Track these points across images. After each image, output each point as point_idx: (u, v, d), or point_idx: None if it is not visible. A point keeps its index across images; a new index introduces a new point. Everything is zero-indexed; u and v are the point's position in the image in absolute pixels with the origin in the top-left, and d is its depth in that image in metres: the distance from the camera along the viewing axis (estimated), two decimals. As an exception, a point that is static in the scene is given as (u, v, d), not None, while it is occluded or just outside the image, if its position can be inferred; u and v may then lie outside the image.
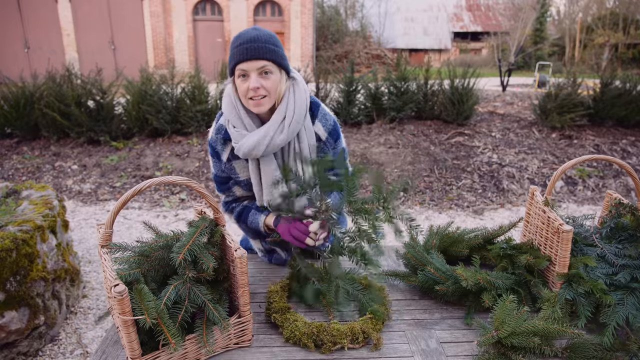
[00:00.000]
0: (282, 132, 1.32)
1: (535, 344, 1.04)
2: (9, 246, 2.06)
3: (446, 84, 6.37)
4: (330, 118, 1.46)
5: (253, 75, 1.28)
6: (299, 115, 1.34)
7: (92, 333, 2.51)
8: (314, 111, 1.44)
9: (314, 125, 1.43)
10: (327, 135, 1.45)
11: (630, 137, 6.03)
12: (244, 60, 1.27)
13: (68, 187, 4.85)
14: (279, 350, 1.12)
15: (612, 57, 20.13)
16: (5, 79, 5.76)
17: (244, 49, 1.27)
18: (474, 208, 4.47)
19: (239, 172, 1.46)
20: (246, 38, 1.27)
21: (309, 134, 1.40)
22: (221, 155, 1.44)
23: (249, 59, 1.26)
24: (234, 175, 1.47)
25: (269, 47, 1.28)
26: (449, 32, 27.02)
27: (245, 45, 1.27)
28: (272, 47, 1.29)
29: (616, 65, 13.44)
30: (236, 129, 1.35)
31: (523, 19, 15.34)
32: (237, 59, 1.28)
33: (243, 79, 1.30)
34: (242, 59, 1.27)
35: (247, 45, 1.27)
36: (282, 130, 1.32)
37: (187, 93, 5.77)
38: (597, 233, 1.40)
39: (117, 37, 15.11)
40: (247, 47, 1.26)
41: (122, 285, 0.90)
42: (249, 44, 1.27)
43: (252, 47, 1.26)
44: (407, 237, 1.47)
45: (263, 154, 1.34)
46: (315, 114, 1.44)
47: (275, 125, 1.32)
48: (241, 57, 1.27)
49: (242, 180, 1.47)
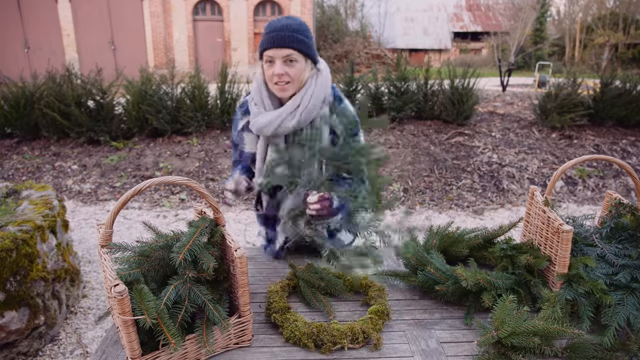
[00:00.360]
0: (294, 118, 1.40)
1: (535, 344, 1.04)
2: (9, 246, 2.06)
3: (446, 84, 6.37)
4: (351, 114, 1.51)
5: (278, 62, 1.36)
6: (314, 105, 1.40)
7: (92, 333, 2.51)
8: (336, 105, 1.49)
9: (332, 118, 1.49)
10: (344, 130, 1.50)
11: (630, 137, 6.03)
12: (271, 47, 1.35)
13: (68, 187, 4.85)
14: (279, 350, 1.12)
15: (612, 57, 20.13)
16: (5, 79, 5.76)
17: (272, 37, 1.34)
18: (474, 208, 4.47)
19: (246, 144, 1.56)
20: (276, 26, 1.35)
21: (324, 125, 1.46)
22: (238, 125, 1.58)
23: (275, 46, 1.34)
24: (241, 145, 1.58)
25: (296, 37, 1.34)
26: (449, 32, 27.02)
27: (274, 33, 1.34)
28: (300, 37, 1.35)
29: (616, 65, 13.44)
30: (257, 106, 1.46)
31: (523, 19, 15.33)
32: (265, 46, 1.36)
33: (269, 65, 1.38)
34: (269, 45, 1.35)
35: (276, 33, 1.34)
36: (294, 117, 1.40)
37: (187, 93, 5.77)
38: (597, 233, 1.40)
39: (117, 37, 15.11)
40: (275, 35, 1.34)
41: (122, 285, 0.90)
42: (277, 32, 1.34)
43: (280, 36, 1.34)
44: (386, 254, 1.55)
45: (273, 134, 1.42)
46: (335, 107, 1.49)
47: (289, 110, 1.40)
48: (269, 44, 1.35)
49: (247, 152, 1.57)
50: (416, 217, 4.28)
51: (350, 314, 1.28)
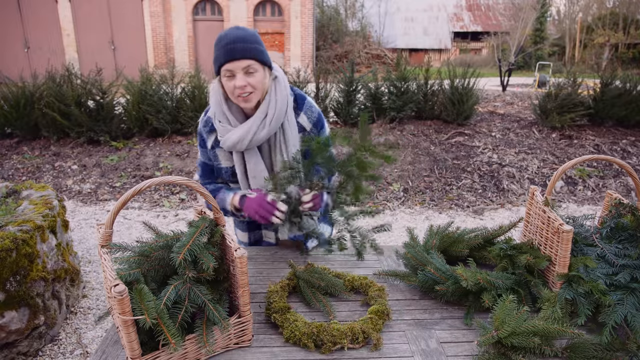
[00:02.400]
0: (264, 128, 1.41)
1: (535, 344, 1.04)
2: (9, 246, 2.06)
3: (446, 84, 6.37)
4: (315, 110, 1.54)
5: (239, 74, 1.33)
6: (280, 111, 1.42)
7: (92, 333, 2.51)
8: (299, 104, 1.52)
9: (299, 117, 1.51)
10: (311, 126, 1.53)
11: (630, 137, 6.03)
12: (230, 61, 1.32)
13: (68, 187, 4.85)
14: (279, 350, 1.12)
15: (612, 57, 20.13)
16: (5, 79, 5.76)
17: (229, 50, 1.31)
18: (474, 208, 4.47)
19: (221, 160, 1.53)
20: (231, 38, 1.31)
21: (292, 126, 1.48)
22: (206, 143, 1.53)
23: (234, 59, 1.31)
24: (216, 162, 1.54)
25: (252, 47, 1.33)
26: (449, 32, 27.01)
27: (230, 45, 1.31)
28: (256, 46, 1.34)
29: (616, 65, 13.43)
30: (222, 123, 1.44)
31: (523, 18, 15.33)
32: (222, 60, 1.32)
33: (229, 79, 1.35)
34: (227, 59, 1.31)
35: (232, 45, 1.30)
36: (264, 127, 1.41)
37: (187, 93, 5.77)
38: (597, 233, 1.40)
39: (117, 37, 15.11)
40: (232, 47, 1.30)
41: (122, 285, 0.90)
42: (233, 44, 1.31)
43: (237, 48, 1.31)
44: None
45: (247, 148, 1.42)
46: (300, 107, 1.51)
47: (258, 121, 1.40)
48: (227, 58, 1.31)
49: (224, 168, 1.54)
50: (416, 217, 4.28)
51: (350, 314, 1.28)
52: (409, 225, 4.08)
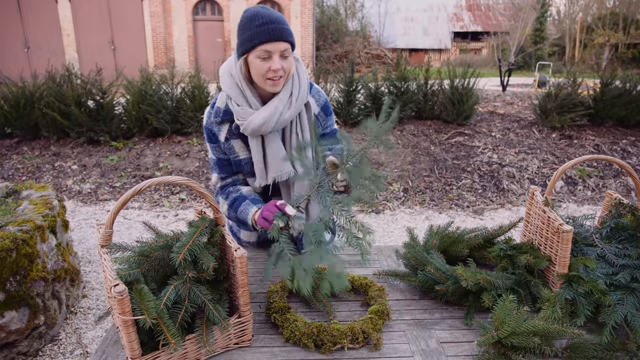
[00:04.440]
0: (290, 107, 1.36)
1: (535, 344, 1.04)
2: (9, 246, 2.06)
3: (446, 84, 6.37)
4: (323, 95, 1.52)
5: (276, 56, 1.26)
6: (304, 91, 1.38)
7: (92, 333, 2.51)
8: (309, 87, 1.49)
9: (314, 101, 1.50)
10: (319, 109, 1.51)
11: (630, 137, 6.03)
12: (270, 41, 1.23)
13: (68, 187, 4.85)
14: (279, 350, 1.12)
15: (612, 57, 20.13)
16: (5, 79, 5.75)
17: (270, 30, 1.22)
18: (474, 208, 4.47)
19: (238, 151, 1.45)
20: (268, 18, 1.23)
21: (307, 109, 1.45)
22: (219, 136, 1.43)
23: (274, 39, 1.23)
24: (233, 155, 1.46)
25: (289, 30, 1.28)
26: (449, 32, 27.02)
27: (270, 25, 1.23)
28: (290, 30, 1.29)
29: (616, 65, 13.43)
30: (241, 107, 1.35)
31: (523, 18, 15.33)
32: (262, 39, 1.23)
33: (264, 60, 1.27)
34: (268, 39, 1.23)
35: (272, 25, 1.23)
36: (290, 106, 1.36)
37: (187, 93, 5.77)
38: (597, 233, 1.40)
39: (117, 37, 15.11)
40: (273, 27, 1.23)
41: (122, 285, 0.90)
42: (273, 24, 1.23)
43: (278, 29, 1.23)
44: None
45: (272, 130, 1.35)
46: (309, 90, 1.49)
47: (284, 101, 1.34)
48: (267, 37, 1.23)
49: (242, 159, 1.46)
50: (416, 217, 4.28)
51: (350, 314, 1.28)
52: (409, 225, 4.08)
